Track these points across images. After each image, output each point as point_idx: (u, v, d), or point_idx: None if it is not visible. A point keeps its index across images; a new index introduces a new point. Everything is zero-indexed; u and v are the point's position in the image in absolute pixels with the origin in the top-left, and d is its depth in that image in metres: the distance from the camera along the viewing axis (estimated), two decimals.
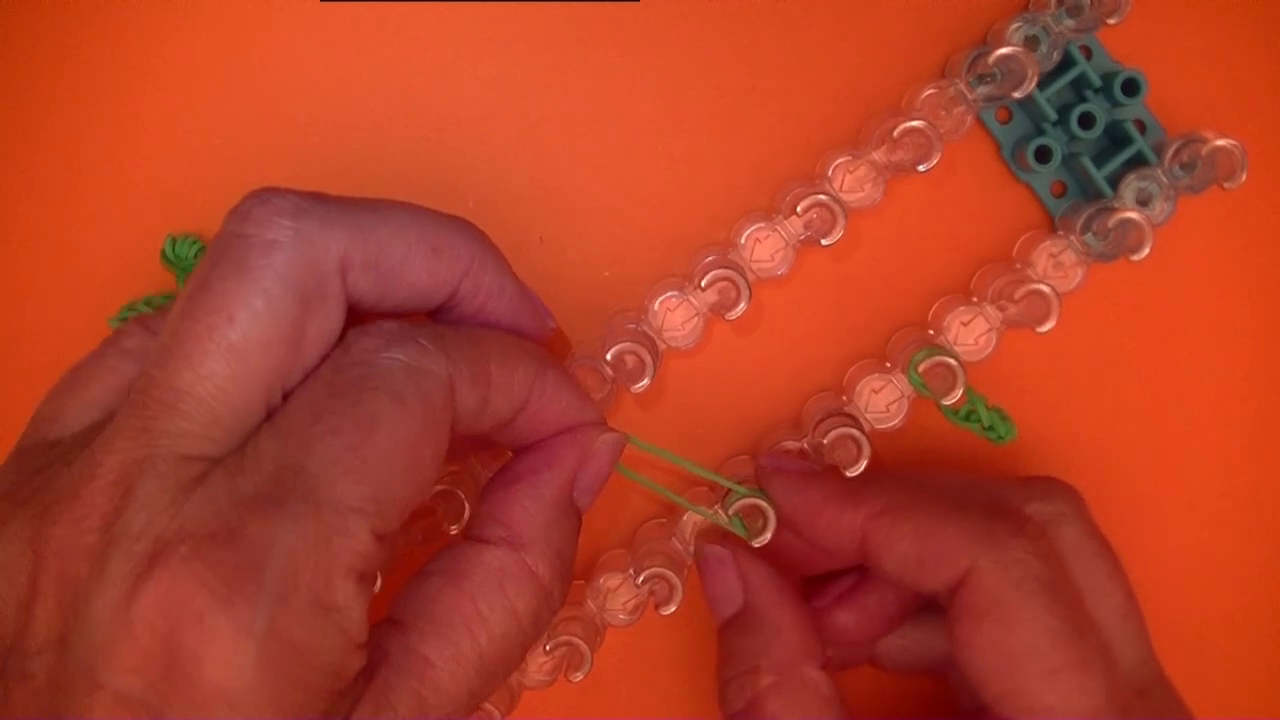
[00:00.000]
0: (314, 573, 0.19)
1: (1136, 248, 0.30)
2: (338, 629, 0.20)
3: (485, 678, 0.23)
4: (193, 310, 0.21)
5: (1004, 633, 0.24)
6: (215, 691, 0.19)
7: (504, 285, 0.26)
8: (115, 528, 0.20)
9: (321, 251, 0.22)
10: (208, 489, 0.20)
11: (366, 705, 0.21)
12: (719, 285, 0.30)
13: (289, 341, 0.21)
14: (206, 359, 0.21)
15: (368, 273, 0.23)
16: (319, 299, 0.22)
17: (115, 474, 0.20)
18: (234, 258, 0.21)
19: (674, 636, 0.33)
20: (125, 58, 0.32)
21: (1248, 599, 0.33)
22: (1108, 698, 0.24)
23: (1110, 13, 0.30)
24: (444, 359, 0.22)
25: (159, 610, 0.19)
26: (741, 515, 0.30)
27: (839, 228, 0.30)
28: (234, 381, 0.21)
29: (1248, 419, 0.33)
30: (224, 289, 0.21)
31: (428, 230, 0.24)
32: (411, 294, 0.24)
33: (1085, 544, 0.27)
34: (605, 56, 0.32)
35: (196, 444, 0.21)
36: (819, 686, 0.27)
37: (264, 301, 0.21)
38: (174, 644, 0.19)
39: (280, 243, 0.22)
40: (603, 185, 0.33)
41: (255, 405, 0.21)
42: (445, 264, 0.24)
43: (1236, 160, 0.30)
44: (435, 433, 0.22)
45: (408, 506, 0.22)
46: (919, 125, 0.30)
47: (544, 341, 0.28)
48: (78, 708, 0.19)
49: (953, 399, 0.30)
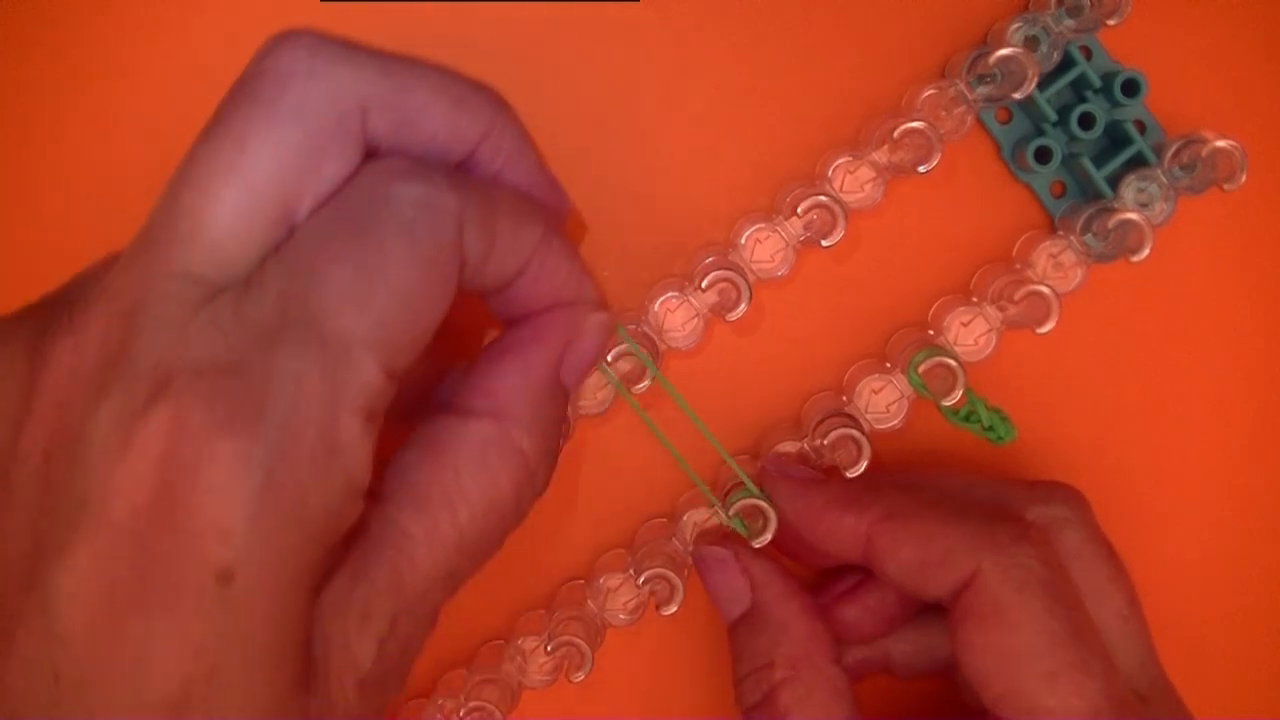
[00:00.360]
0: (319, 407, 0.19)
1: (1136, 248, 0.30)
2: (340, 470, 0.19)
3: (465, 554, 0.22)
4: (207, 137, 0.21)
5: (1004, 635, 0.24)
6: (208, 522, 0.18)
7: (525, 153, 0.25)
8: (118, 352, 0.19)
9: (340, 89, 0.21)
10: (213, 315, 0.19)
11: (343, 575, 0.20)
12: (719, 286, 0.30)
13: (303, 175, 0.21)
14: (216, 186, 0.20)
15: (387, 115, 0.22)
16: (336, 136, 0.21)
17: (120, 298, 0.20)
18: (249, 90, 0.21)
19: (675, 637, 0.33)
20: (125, 57, 0.32)
21: (1248, 600, 0.33)
22: (1106, 699, 0.24)
23: (1110, 13, 0.30)
24: (455, 197, 0.21)
25: (158, 438, 0.18)
26: (742, 515, 0.30)
27: (839, 229, 0.30)
28: (243, 209, 0.20)
29: (1247, 419, 0.33)
30: (237, 119, 0.21)
31: (451, 82, 0.23)
32: (430, 144, 0.23)
33: (1087, 548, 0.27)
34: (605, 56, 0.32)
35: (203, 270, 0.20)
36: (832, 679, 0.27)
37: (278, 131, 0.21)
38: (171, 472, 0.18)
39: (297, 76, 0.21)
40: (602, 185, 0.33)
41: (265, 237, 0.20)
42: (466, 118, 0.23)
43: (1236, 161, 0.30)
44: (444, 269, 0.21)
45: (416, 344, 0.21)
46: (919, 126, 0.30)
47: (559, 223, 0.27)
48: (64, 534, 0.18)
49: (953, 400, 0.30)
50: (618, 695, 0.33)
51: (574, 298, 0.26)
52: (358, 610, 0.20)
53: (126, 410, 0.18)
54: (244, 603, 0.18)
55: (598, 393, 0.31)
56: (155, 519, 0.18)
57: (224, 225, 0.20)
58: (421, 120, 0.23)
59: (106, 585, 0.18)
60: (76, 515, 0.18)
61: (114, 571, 0.18)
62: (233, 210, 0.20)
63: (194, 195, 0.20)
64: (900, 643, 0.31)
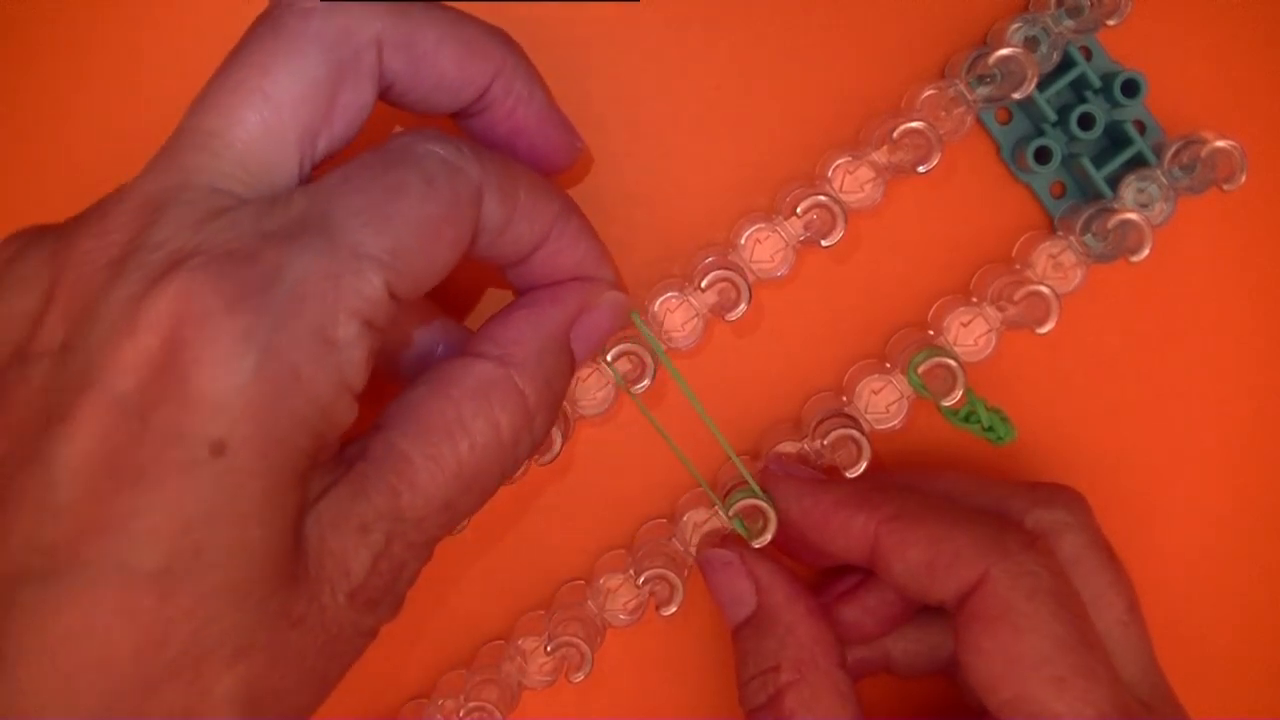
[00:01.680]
0: (321, 302, 0.20)
1: (1136, 249, 0.30)
2: (334, 364, 0.20)
3: (462, 488, 0.23)
4: (228, 66, 0.22)
5: (1012, 640, 0.24)
6: (205, 395, 0.19)
7: (534, 93, 0.26)
8: (136, 240, 0.20)
9: (357, 21, 0.23)
10: (232, 218, 0.20)
11: (342, 488, 0.21)
12: (719, 286, 0.30)
13: (321, 102, 0.22)
14: (239, 106, 0.21)
15: (400, 51, 0.23)
16: (352, 68, 0.23)
17: (143, 198, 0.21)
18: (270, 22, 0.22)
19: (675, 637, 0.33)
20: (125, 56, 0.32)
21: (1248, 600, 0.33)
22: (1113, 706, 0.24)
23: (1110, 14, 0.30)
24: (478, 166, 0.23)
25: (165, 312, 0.19)
26: (743, 516, 0.30)
27: (839, 229, 0.30)
28: (265, 129, 0.21)
29: (1247, 419, 0.33)
30: (259, 47, 0.22)
31: (463, 24, 0.25)
32: (442, 82, 0.25)
33: (1088, 553, 0.27)
34: (605, 56, 0.32)
35: (226, 182, 0.21)
36: (838, 683, 0.27)
37: (299, 59, 0.22)
38: (174, 344, 0.19)
39: (317, 11, 0.22)
40: (602, 185, 0.33)
41: (286, 158, 0.22)
42: (477, 59, 0.25)
43: (1236, 162, 0.30)
44: (459, 220, 0.22)
45: (423, 277, 0.22)
46: (919, 126, 0.30)
47: (571, 161, 0.28)
48: (67, 405, 0.19)
49: (952, 400, 0.30)
50: (618, 696, 0.33)
51: (591, 274, 0.27)
52: (354, 523, 0.21)
53: (138, 288, 0.19)
54: (232, 479, 0.19)
55: (598, 392, 0.31)
56: (155, 391, 0.19)
57: (248, 143, 0.21)
58: (434, 59, 0.24)
59: (104, 456, 0.19)
60: (80, 387, 0.19)
61: (112, 442, 0.19)
62: (256, 130, 0.21)
63: (218, 116, 0.21)
64: (900, 642, 0.31)
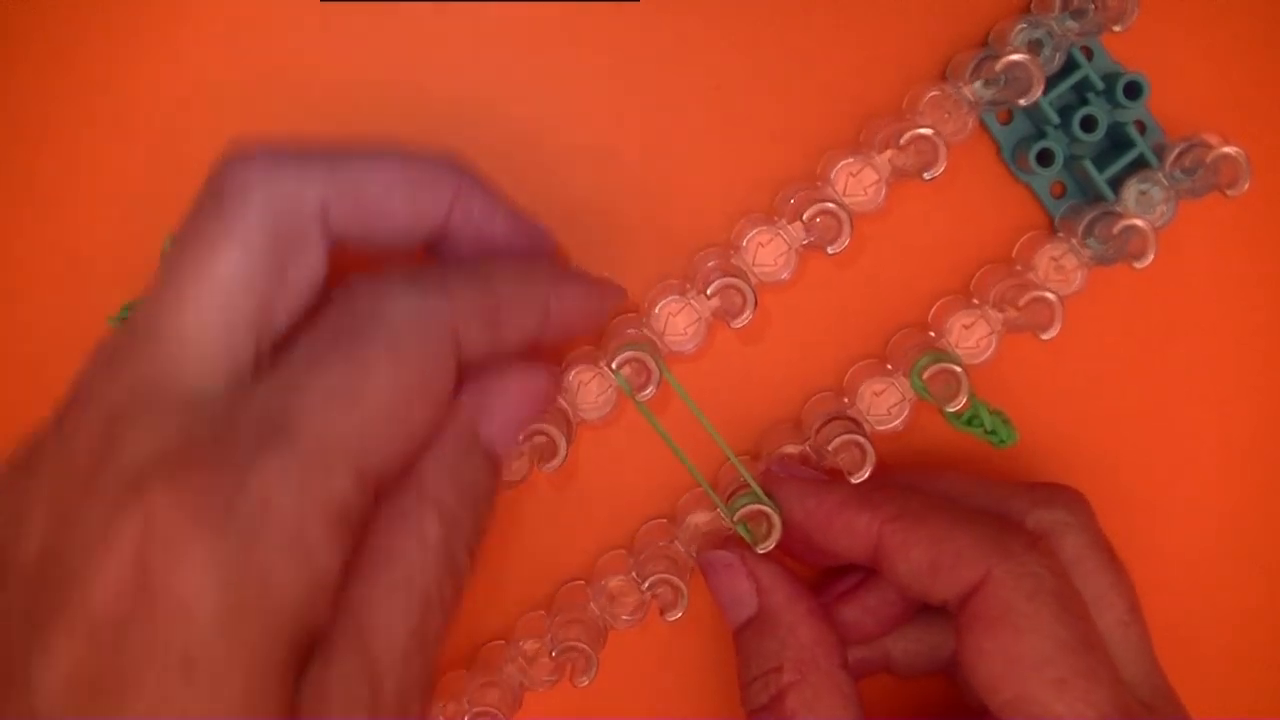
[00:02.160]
0: (288, 509, 0.20)
1: (1140, 255, 0.30)
2: (305, 567, 0.20)
3: (415, 612, 0.23)
4: (177, 254, 0.22)
5: (1014, 641, 0.25)
6: (175, 613, 0.19)
7: (494, 211, 0.26)
8: (101, 454, 0.20)
9: (297, 195, 0.23)
10: (194, 421, 0.20)
11: (316, 660, 0.21)
12: (723, 292, 0.30)
13: (270, 282, 0.22)
14: (190, 290, 0.21)
15: (348, 209, 0.23)
16: (299, 242, 0.23)
17: (106, 408, 0.21)
18: (211, 206, 0.22)
19: (677, 638, 0.33)
20: (124, 56, 0.32)
21: (1248, 600, 0.34)
22: (1114, 708, 0.24)
23: (1116, 19, 0.30)
24: (447, 303, 0.23)
25: (133, 535, 0.19)
26: (746, 521, 0.30)
27: (845, 235, 0.30)
28: (218, 312, 0.21)
29: (1249, 421, 0.33)
30: (203, 232, 0.22)
31: (406, 165, 0.25)
32: (397, 229, 0.24)
33: (1089, 553, 0.27)
34: (605, 56, 0.32)
35: (185, 378, 0.21)
36: (840, 684, 0.27)
37: (242, 244, 0.22)
38: (144, 566, 0.19)
39: (254, 185, 0.22)
40: (602, 185, 0.32)
41: (242, 343, 0.22)
42: (428, 196, 0.25)
43: (1240, 168, 0.30)
44: (434, 377, 0.23)
45: (398, 454, 0.22)
46: (928, 133, 0.29)
47: (548, 258, 0.28)
48: (45, 625, 0.19)
49: (956, 406, 0.30)
50: (621, 697, 0.33)
51: (599, 313, 0.28)
52: (336, 690, 0.21)
53: (106, 510, 0.19)
54: (209, 689, 0.19)
55: (599, 396, 0.31)
56: (128, 611, 0.19)
57: (200, 328, 0.21)
58: (382, 208, 0.24)
59: (83, 679, 0.19)
60: (57, 606, 0.19)
61: (90, 665, 0.19)
62: (208, 313, 0.21)
63: (169, 299, 0.22)
64: (901, 641, 0.31)
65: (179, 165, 0.32)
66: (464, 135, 0.32)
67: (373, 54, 0.32)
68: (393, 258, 0.26)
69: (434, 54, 0.32)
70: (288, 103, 0.32)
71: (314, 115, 0.32)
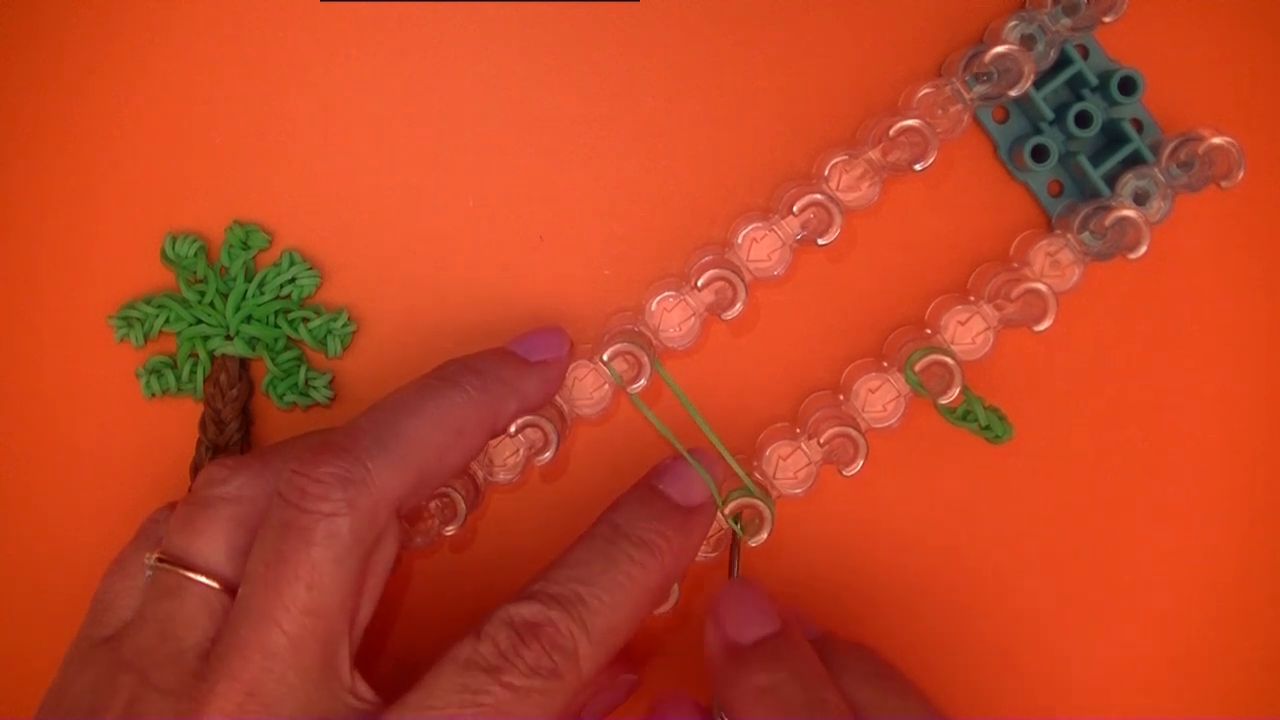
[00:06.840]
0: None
1: (1134, 246, 0.30)
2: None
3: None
4: (274, 579, 0.24)
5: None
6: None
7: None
8: None
9: (375, 510, 0.25)
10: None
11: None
12: (715, 285, 0.30)
13: (359, 588, 0.25)
14: (289, 621, 0.24)
15: (415, 492, 0.26)
16: (380, 541, 0.26)
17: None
18: (299, 533, 0.24)
19: (677, 638, 0.33)
20: (124, 57, 0.32)
21: (1248, 600, 0.33)
22: None
23: (1106, 10, 0.30)
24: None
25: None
26: (740, 515, 0.30)
27: (835, 227, 0.30)
28: (318, 638, 0.24)
29: (1245, 416, 0.33)
30: (297, 560, 0.24)
31: (449, 420, 0.27)
32: (454, 472, 0.28)
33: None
34: (605, 56, 0.32)
35: (299, 691, 0.24)
36: None
37: (334, 568, 0.24)
38: None
39: (338, 515, 0.24)
40: (602, 184, 0.33)
41: (340, 655, 0.25)
42: (474, 438, 0.27)
43: (1234, 159, 0.30)
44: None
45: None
46: (915, 124, 0.30)
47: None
48: None
49: (950, 398, 0.30)
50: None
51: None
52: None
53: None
54: None
55: (594, 392, 0.31)
56: None
57: (304, 654, 0.24)
58: (441, 472, 0.27)
59: None
60: None
61: None
62: (309, 641, 0.24)
63: (272, 630, 0.24)
64: None
65: (179, 164, 0.32)
66: (465, 135, 0.32)
67: (373, 53, 0.32)
68: None
69: (434, 54, 0.32)
70: (288, 101, 0.32)
71: (316, 115, 0.32)
